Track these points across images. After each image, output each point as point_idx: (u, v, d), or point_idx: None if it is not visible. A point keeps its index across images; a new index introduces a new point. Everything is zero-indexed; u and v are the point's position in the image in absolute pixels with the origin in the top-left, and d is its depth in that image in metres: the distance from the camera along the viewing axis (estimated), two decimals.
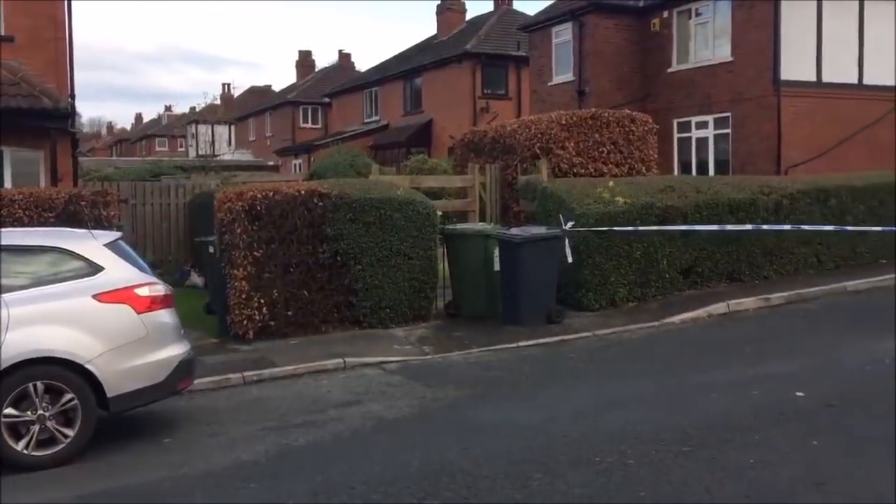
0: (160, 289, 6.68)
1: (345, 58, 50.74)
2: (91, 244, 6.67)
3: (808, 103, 18.41)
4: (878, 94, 19.27)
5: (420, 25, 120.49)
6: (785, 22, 18.23)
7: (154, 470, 5.83)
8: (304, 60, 51.40)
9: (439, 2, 34.64)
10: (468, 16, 35.23)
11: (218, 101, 48.73)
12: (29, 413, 5.98)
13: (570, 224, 10.36)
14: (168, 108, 79.82)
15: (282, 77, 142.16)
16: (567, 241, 10.29)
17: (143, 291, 6.51)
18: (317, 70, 50.39)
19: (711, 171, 19.48)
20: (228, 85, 60.65)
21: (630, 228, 10.76)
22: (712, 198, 11.87)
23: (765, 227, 11.79)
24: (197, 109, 49.84)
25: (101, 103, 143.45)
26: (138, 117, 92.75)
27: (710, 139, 20.00)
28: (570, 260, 10.29)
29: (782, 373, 7.58)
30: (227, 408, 7.46)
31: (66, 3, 14.19)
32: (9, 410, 5.92)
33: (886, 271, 12.50)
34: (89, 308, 6.29)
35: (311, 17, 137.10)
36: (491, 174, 13.39)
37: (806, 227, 11.90)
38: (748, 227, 11.62)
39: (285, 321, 9.89)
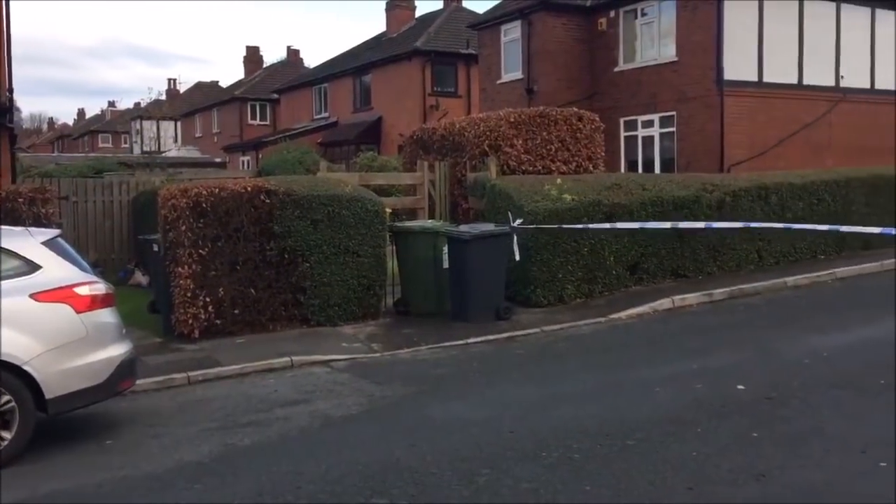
0: (100, 287, 6.53)
1: (293, 54, 50.27)
2: (28, 242, 6.49)
3: (750, 103, 18.82)
4: (816, 94, 19.79)
5: (369, 22, 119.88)
6: (728, 23, 18.60)
7: (95, 472, 5.70)
8: (252, 56, 50.70)
9: None
10: (417, 13, 35.21)
11: (163, 97, 47.93)
12: None
13: (518, 221, 10.42)
14: (112, 104, 78.18)
15: (229, 73, 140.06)
16: (515, 238, 10.35)
17: (83, 290, 6.36)
18: (265, 66, 49.80)
19: (657, 169, 19.80)
20: (174, 80, 59.39)
21: (580, 226, 10.86)
22: (657, 195, 12.06)
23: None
24: (142, 105, 48.92)
25: (42, 98, 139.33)
26: (81, 113, 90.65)
27: (656, 137, 20.31)
28: (517, 258, 10.35)
29: (724, 366, 7.75)
30: (170, 408, 7.33)
31: None
32: None
33: (824, 267, 12.87)
34: (26, 307, 6.11)
35: (258, 13, 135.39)
36: (440, 172, 13.40)
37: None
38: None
39: (232, 320, 9.77)
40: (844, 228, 8.55)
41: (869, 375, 7.09)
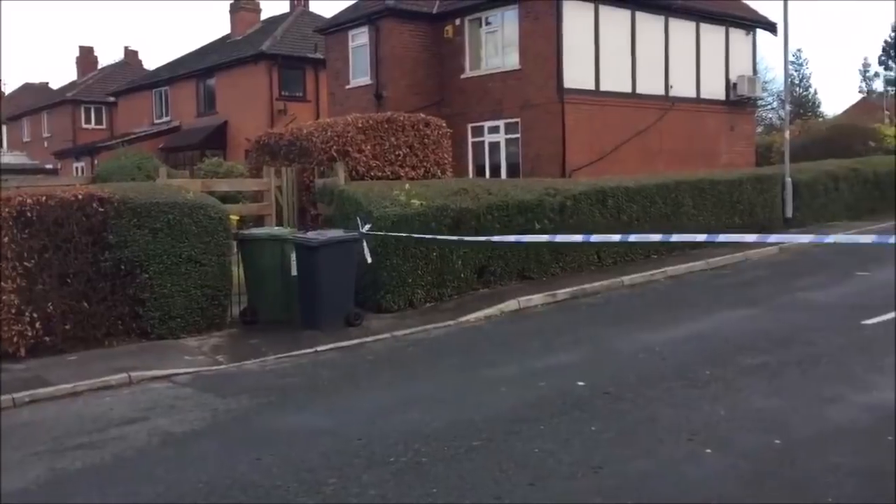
0: None
1: (131, 55, 47.98)
2: None
3: (588, 110, 19.71)
4: (649, 102, 21.00)
5: (213, 24, 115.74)
6: (567, 33, 19.40)
7: None
8: (86, 56, 47.93)
9: (232, 0, 33.65)
10: (263, 16, 34.50)
11: None
12: None
13: (367, 227, 10.39)
14: None
15: (60, 74, 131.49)
16: (365, 243, 10.32)
17: None
18: (100, 67, 47.24)
19: (504, 174, 20.34)
20: None
21: (429, 237, 10.96)
22: (503, 199, 12.37)
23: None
24: None
25: None
26: None
27: (502, 143, 20.87)
28: (369, 260, 10.32)
29: (566, 364, 8.05)
30: None
31: None
32: None
33: (657, 266, 13.65)
34: None
35: (92, 11, 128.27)
36: (287, 177, 13.16)
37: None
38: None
39: (63, 336, 9.17)
40: (675, 237, 9.11)
41: (697, 367, 7.57)
